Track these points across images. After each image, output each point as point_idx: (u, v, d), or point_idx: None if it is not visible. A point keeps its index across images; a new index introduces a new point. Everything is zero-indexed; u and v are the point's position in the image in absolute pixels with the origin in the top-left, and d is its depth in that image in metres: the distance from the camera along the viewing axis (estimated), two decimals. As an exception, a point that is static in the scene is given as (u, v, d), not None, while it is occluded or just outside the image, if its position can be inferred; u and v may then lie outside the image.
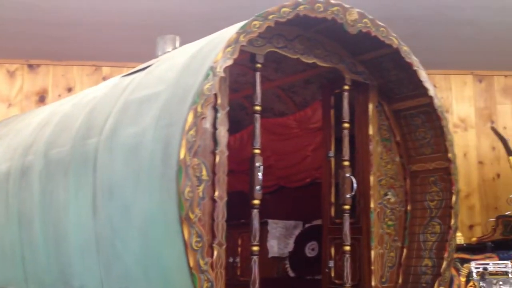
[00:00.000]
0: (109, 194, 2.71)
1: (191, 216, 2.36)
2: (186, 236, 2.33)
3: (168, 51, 3.34)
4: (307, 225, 4.22)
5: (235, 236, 4.30)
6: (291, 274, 4.14)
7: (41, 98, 5.62)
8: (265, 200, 4.51)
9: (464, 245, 4.85)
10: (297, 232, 4.19)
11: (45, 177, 3.15)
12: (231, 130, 4.56)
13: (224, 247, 2.66)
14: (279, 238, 4.15)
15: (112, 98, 2.96)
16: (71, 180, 2.97)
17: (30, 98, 5.64)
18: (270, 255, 4.18)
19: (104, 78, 5.51)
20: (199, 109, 2.42)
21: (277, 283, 4.13)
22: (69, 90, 5.68)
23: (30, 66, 5.70)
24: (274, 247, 4.14)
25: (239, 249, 4.34)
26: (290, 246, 4.15)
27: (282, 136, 4.27)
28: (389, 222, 3.60)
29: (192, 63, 2.62)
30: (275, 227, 4.15)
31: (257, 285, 2.82)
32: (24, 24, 4.93)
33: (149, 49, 3.60)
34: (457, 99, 6.13)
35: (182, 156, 2.35)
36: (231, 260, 4.34)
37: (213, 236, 2.63)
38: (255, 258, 2.84)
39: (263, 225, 4.16)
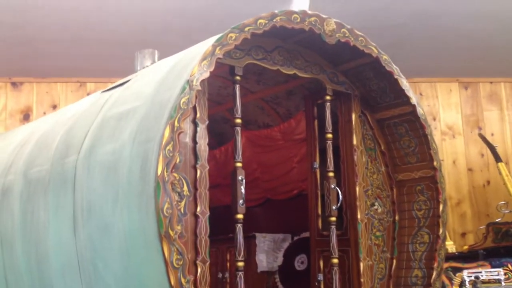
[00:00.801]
0: (89, 213, 2.66)
1: (171, 233, 2.31)
2: (166, 254, 2.28)
3: (147, 66, 3.31)
4: (295, 238, 4.16)
5: (223, 250, 4.24)
6: (281, 288, 4.08)
7: (26, 116, 5.57)
8: (252, 213, 4.49)
9: (456, 253, 4.81)
10: (285, 245, 4.14)
11: (25, 197, 3.10)
12: (216, 144, 4.59)
13: (208, 263, 2.62)
14: (268, 252, 4.09)
15: (90, 114, 2.91)
16: (51, 199, 2.92)
17: (14, 117, 5.59)
18: (259, 269, 4.12)
19: (89, 94, 5.46)
20: (176, 124, 2.38)
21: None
22: (54, 107, 5.63)
23: (14, 84, 5.66)
24: (263, 261, 4.08)
25: (228, 264, 4.28)
26: (279, 259, 4.09)
27: (267, 148, 4.23)
28: (377, 233, 3.56)
29: (168, 77, 2.58)
30: (263, 240, 4.09)
31: (244, 298, 2.77)
32: (6, 42, 4.89)
33: (133, 65, 3.57)
34: (444, 106, 6.13)
35: (159, 172, 2.31)
36: (220, 275, 4.28)
37: (197, 252, 2.58)
38: (240, 274, 2.79)
39: (251, 239, 4.11)
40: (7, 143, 3.70)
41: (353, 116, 3.56)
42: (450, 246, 4.89)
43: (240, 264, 2.79)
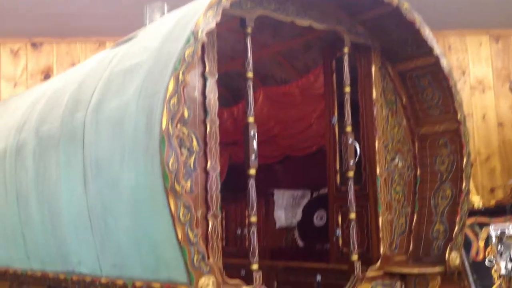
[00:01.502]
0: (97, 169, 2.66)
1: (177, 187, 2.28)
2: (173, 208, 2.26)
3: (156, 19, 3.23)
4: (314, 194, 4.12)
5: (243, 207, 4.24)
6: (300, 243, 4.07)
7: (46, 77, 5.58)
8: (271, 171, 4.45)
9: (483, 209, 4.70)
10: (304, 201, 4.10)
11: (38, 154, 3.11)
12: (233, 101, 4.52)
13: (219, 218, 2.59)
14: (286, 208, 4.07)
15: (99, 71, 2.88)
16: (62, 156, 2.92)
17: (35, 77, 5.60)
18: (278, 225, 4.11)
19: (108, 54, 5.42)
20: (180, 76, 2.31)
21: (286, 253, 4.06)
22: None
23: (34, 45, 5.65)
24: (282, 217, 4.06)
25: (247, 220, 4.27)
26: (298, 216, 4.06)
27: (286, 104, 4.14)
28: (397, 188, 3.47)
29: (174, 29, 2.50)
30: (282, 197, 4.06)
31: (256, 255, 2.75)
32: (25, 2, 4.86)
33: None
34: (474, 60, 5.90)
35: (164, 126, 2.26)
36: (239, 232, 4.29)
37: (208, 207, 2.56)
38: (253, 228, 2.76)
39: (270, 196, 4.09)
40: (22, 102, 3.71)
41: (373, 68, 3.43)
42: (477, 201, 4.77)
43: (253, 219, 2.76)
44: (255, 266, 2.74)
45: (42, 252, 3.26)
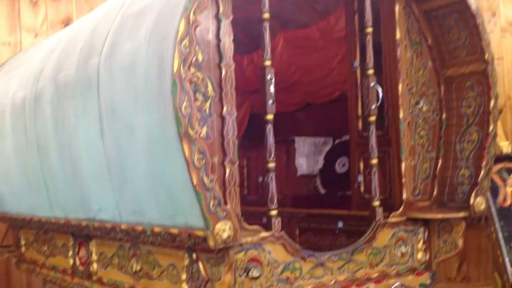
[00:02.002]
0: (113, 116, 2.63)
1: (191, 132, 2.23)
2: (187, 153, 2.22)
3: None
4: (337, 141, 4.05)
5: (264, 156, 4.19)
6: (322, 191, 4.03)
7: (66, 26, 5.53)
8: (292, 119, 4.38)
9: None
10: (326, 148, 4.03)
11: (56, 102, 3.10)
12: (254, 47, 4.41)
13: (236, 164, 2.55)
14: (308, 156, 4.01)
15: (111, 15, 2.80)
16: (79, 103, 2.90)
17: (55, 27, 5.55)
18: (299, 173, 4.07)
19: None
20: (191, 16, 2.23)
21: (307, 200, 4.03)
22: (93, 17, 5.55)
23: (53, -6, 5.60)
24: (303, 165, 4.01)
25: (268, 168, 4.25)
26: (320, 163, 4.01)
27: (306, 49, 4.02)
28: (422, 132, 3.37)
29: (187, -33, 2.39)
30: (304, 144, 4.00)
31: (274, 201, 2.72)
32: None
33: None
34: (505, 0, 5.61)
35: (175, 69, 2.19)
36: (260, 179, 4.27)
37: (224, 154, 2.52)
38: (271, 174, 2.72)
39: (291, 143, 4.03)
40: (39, 51, 3.68)
41: (397, 7, 3.27)
42: (506, 146, 4.64)
43: (271, 165, 2.72)
44: (273, 212, 2.72)
45: (64, 200, 3.30)
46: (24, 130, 3.45)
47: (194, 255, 2.52)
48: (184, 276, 2.59)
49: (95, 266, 3.29)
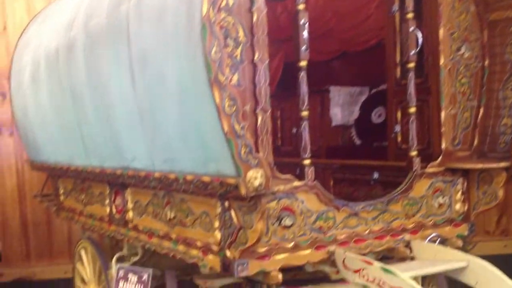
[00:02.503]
0: (143, 63, 2.60)
1: (221, 78, 2.18)
2: (217, 99, 2.18)
3: None
4: (373, 91, 3.93)
5: (298, 106, 4.13)
6: (357, 142, 3.96)
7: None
8: (328, 67, 4.27)
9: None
10: (362, 98, 3.93)
11: (88, 50, 3.08)
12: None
13: (268, 113, 2.50)
14: (343, 106, 3.92)
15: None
16: (110, 51, 2.87)
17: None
18: (334, 123, 4.00)
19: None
20: (220, -42, 2.15)
21: (342, 151, 3.97)
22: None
23: None
24: (338, 115, 3.93)
25: (302, 117, 4.18)
26: (356, 113, 3.92)
27: (342, -6, 3.87)
28: (463, 80, 3.23)
29: None
30: (339, 94, 3.91)
31: (308, 151, 2.68)
32: None
33: None
34: None
35: (204, 12, 2.13)
36: (294, 130, 4.22)
37: (256, 102, 2.46)
38: (305, 123, 2.67)
39: (325, 93, 3.94)
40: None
41: None
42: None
43: (305, 113, 2.67)
44: (307, 161, 2.69)
45: (99, 149, 3.33)
46: (58, 80, 3.47)
47: (226, 203, 2.52)
48: (216, 224, 2.59)
49: (130, 214, 3.33)
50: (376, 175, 3.54)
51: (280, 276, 2.56)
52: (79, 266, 4.20)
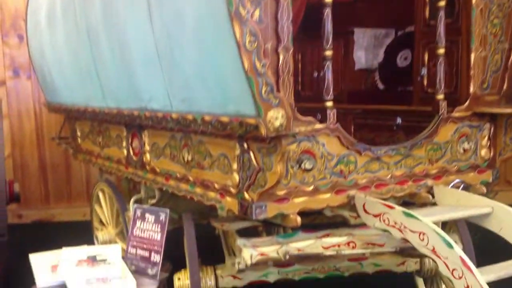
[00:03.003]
0: (161, 0, 2.48)
1: (242, 12, 2.07)
2: (238, 35, 2.07)
3: None
4: (399, 33, 3.77)
5: (319, 49, 3.97)
6: (381, 86, 3.83)
7: None
8: (352, 8, 4.09)
9: None
10: (388, 41, 3.77)
11: (104, -12, 2.97)
12: None
13: (291, 51, 2.39)
14: (367, 49, 3.78)
15: None
16: (126, -13, 2.76)
17: None
18: (357, 67, 3.86)
19: None
20: None
21: (365, 95, 3.85)
22: None
23: None
24: (362, 58, 3.79)
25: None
26: (380, 56, 3.78)
27: None
28: (495, 21, 3.06)
29: None
30: (363, 36, 3.75)
31: (330, 92, 2.58)
32: None
33: None
34: None
35: None
36: (315, 75, 4.10)
37: (278, 40, 2.35)
38: (328, 63, 2.56)
39: (349, 35, 3.79)
40: None
41: None
42: None
43: (328, 53, 2.55)
44: (329, 104, 2.59)
45: (116, 90, 3.26)
46: (74, 19, 3.37)
47: (245, 145, 2.45)
48: (235, 166, 2.54)
49: (148, 156, 3.30)
50: (399, 120, 3.44)
51: (298, 219, 2.51)
52: (97, 208, 4.22)
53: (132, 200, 3.66)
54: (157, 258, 2.53)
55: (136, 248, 2.68)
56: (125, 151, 3.58)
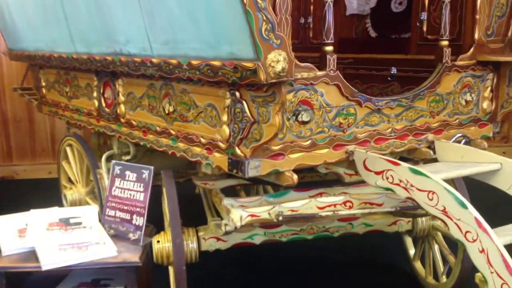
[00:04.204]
0: None
1: None
2: (235, -39, 1.78)
3: None
4: (394, -25, 3.48)
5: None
6: (373, 33, 3.57)
7: None
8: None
9: None
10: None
11: None
12: None
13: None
14: (360, -8, 3.49)
15: None
16: None
17: None
18: (349, 12, 3.58)
19: None
20: None
21: (356, 43, 3.59)
22: None
23: None
24: (353, 2, 3.51)
25: (312, 7, 3.76)
26: (373, 1, 3.50)
27: None
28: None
29: None
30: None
31: (331, 36, 2.31)
32: None
33: None
34: None
35: None
36: (302, 21, 3.81)
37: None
38: (329, 2, 2.28)
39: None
40: None
41: None
42: None
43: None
44: (328, 48, 2.33)
45: (86, 33, 2.91)
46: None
47: (237, 94, 2.18)
48: (225, 118, 2.27)
49: (122, 108, 2.99)
50: (394, 70, 3.21)
51: (295, 177, 2.27)
52: (64, 165, 3.90)
53: (103, 156, 3.37)
54: (140, 221, 2.22)
55: (115, 210, 2.37)
56: (96, 102, 3.26)
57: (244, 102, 2.16)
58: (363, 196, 2.60)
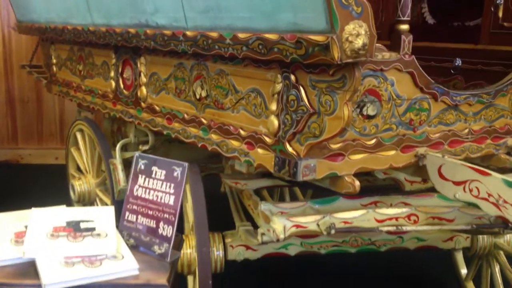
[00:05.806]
0: None
1: None
2: None
3: None
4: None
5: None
6: (430, 20, 3.14)
7: None
8: None
9: None
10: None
11: None
12: None
13: None
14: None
15: None
16: None
17: None
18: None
19: None
20: None
21: (410, 31, 3.14)
22: None
23: None
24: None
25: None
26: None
27: None
28: None
29: None
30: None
31: (407, 12, 1.88)
32: None
33: None
34: None
35: None
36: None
37: None
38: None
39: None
40: None
41: None
42: None
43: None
44: (403, 27, 1.90)
45: (106, 1, 2.49)
46: None
47: (292, 77, 1.74)
48: (273, 106, 1.84)
49: (144, 90, 2.57)
50: (458, 62, 2.77)
51: (357, 184, 1.85)
52: (73, 152, 3.50)
53: (119, 145, 2.97)
54: (168, 230, 1.73)
55: (137, 215, 1.86)
56: (113, 83, 2.84)
57: (301, 88, 1.73)
58: (430, 210, 2.16)
